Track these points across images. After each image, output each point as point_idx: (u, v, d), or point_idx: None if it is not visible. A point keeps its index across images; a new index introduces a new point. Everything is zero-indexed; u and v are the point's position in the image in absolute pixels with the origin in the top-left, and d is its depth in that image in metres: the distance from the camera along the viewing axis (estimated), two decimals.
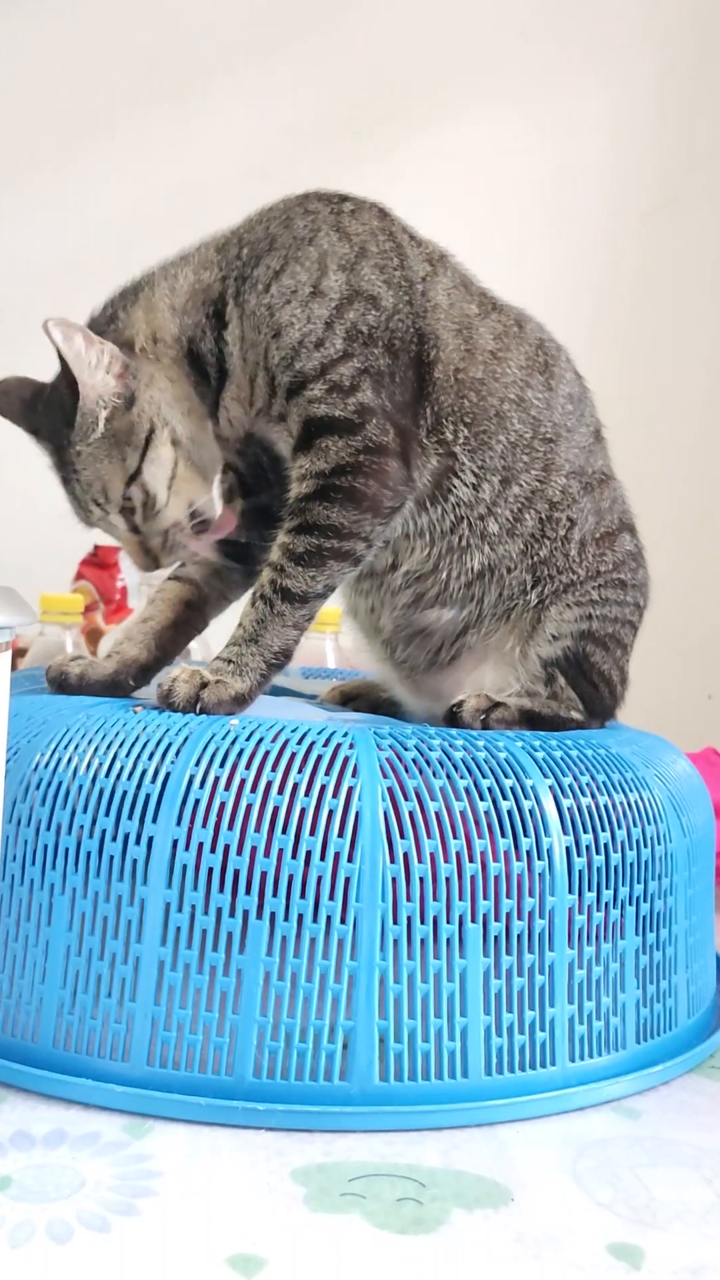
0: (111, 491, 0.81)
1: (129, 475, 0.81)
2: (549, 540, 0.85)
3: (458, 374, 0.83)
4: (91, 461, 0.81)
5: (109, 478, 0.81)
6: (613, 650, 0.87)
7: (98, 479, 0.81)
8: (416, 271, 0.83)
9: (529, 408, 0.85)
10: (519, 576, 0.85)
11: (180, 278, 0.84)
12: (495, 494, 0.83)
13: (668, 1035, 0.74)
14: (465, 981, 0.65)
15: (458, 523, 0.83)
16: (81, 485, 0.82)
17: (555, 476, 0.85)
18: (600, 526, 0.87)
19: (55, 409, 0.81)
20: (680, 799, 0.78)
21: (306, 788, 0.66)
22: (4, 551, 1.71)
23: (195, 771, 0.66)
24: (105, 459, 0.81)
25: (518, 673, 0.86)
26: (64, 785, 0.68)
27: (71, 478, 0.82)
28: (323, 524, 0.78)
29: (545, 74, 1.92)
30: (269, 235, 0.82)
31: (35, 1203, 0.54)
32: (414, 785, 0.67)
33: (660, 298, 1.94)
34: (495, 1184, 0.59)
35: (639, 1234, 0.55)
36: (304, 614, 0.78)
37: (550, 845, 0.68)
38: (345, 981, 0.64)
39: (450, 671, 0.88)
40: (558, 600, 0.85)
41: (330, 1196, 0.56)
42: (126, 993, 0.64)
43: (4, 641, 0.57)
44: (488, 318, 0.86)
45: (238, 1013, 0.63)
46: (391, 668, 0.90)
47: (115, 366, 0.80)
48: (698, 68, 1.94)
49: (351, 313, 0.79)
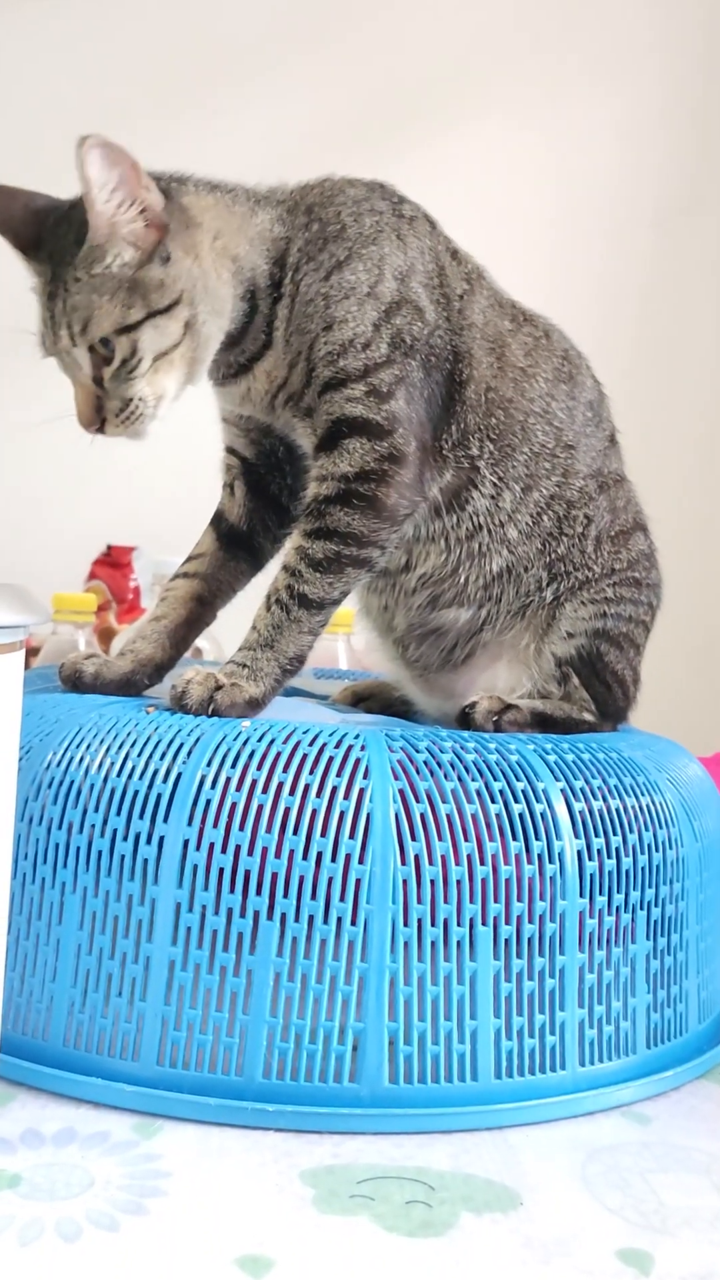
0: (93, 328, 0.76)
1: (123, 325, 0.77)
2: (566, 537, 0.85)
3: (489, 392, 0.83)
4: (88, 291, 0.76)
5: (100, 315, 0.76)
6: (626, 650, 0.87)
7: (86, 309, 0.76)
8: (455, 289, 0.84)
9: (553, 419, 0.85)
10: (536, 574, 0.85)
11: (259, 213, 0.82)
12: (516, 501, 0.84)
13: (678, 1040, 0.73)
14: (475, 984, 0.65)
15: (476, 530, 0.83)
16: (65, 308, 0.76)
17: (574, 480, 0.86)
18: (615, 524, 0.87)
19: (69, 227, 0.77)
20: (692, 803, 0.78)
21: (318, 789, 0.66)
22: (17, 551, 1.72)
23: (207, 772, 0.66)
24: (107, 296, 0.76)
25: (531, 671, 0.86)
26: (76, 784, 0.68)
27: (59, 296, 0.77)
28: (343, 531, 0.78)
29: (556, 82, 1.92)
30: (340, 221, 0.82)
31: (44, 1201, 0.54)
32: (426, 787, 0.67)
33: (670, 306, 1.93)
34: (504, 1188, 0.59)
35: (648, 1239, 0.55)
36: (320, 620, 0.78)
37: (561, 849, 0.68)
38: (355, 983, 0.64)
39: (464, 670, 0.88)
40: (573, 597, 0.85)
41: (339, 1198, 0.56)
42: (137, 992, 0.65)
43: (17, 640, 0.57)
44: (519, 332, 0.87)
45: (248, 1013, 0.63)
46: (403, 666, 0.90)
47: (153, 216, 0.76)
48: (708, 75, 1.93)
49: (399, 319, 0.80)
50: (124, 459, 2.00)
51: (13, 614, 0.55)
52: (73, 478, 1.84)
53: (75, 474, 1.85)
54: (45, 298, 0.78)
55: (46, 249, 0.78)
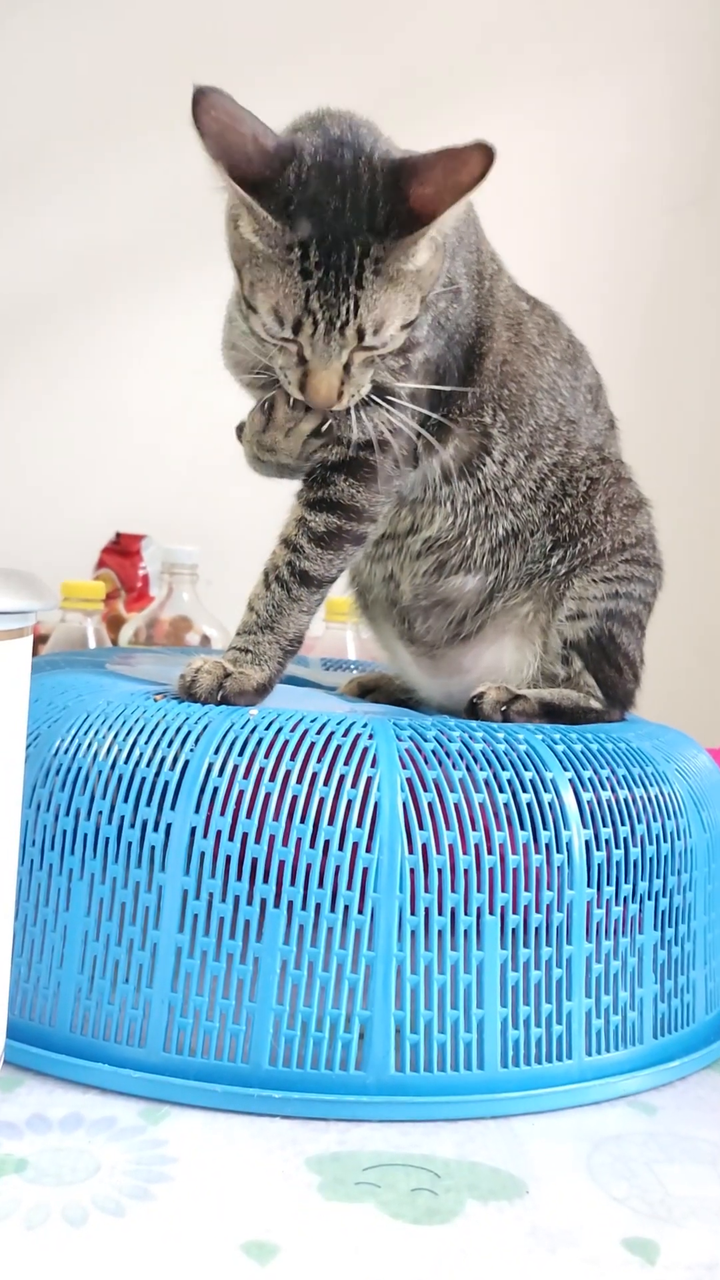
0: (391, 322, 0.71)
1: (407, 321, 0.72)
2: (570, 498, 0.86)
3: (504, 365, 0.84)
4: (389, 287, 0.70)
5: (397, 311, 0.71)
6: (635, 631, 0.87)
7: (387, 303, 0.70)
8: (488, 268, 0.85)
9: (557, 395, 0.86)
10: (541, 539, 0.85)
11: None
12: (521, 467, 0.84)
13: (685, 1031, 0.73)
14: (482, 973, 0.65)
15: (483, 494, 0.84)
16: (363, 303, 0.69)
17: (576, 450, 0.87)
18: (623, 496, 0.88)
19: (361, 201, 0.68)
20: (700, 794, 0.78)
21: (325, 777, 0.65)
22: (26, 538, 1.72)
23: (214, 759, 0.66)
24: (403, 293, 0.71)
25: (537, 648, 0.86)
26: (83, 771, 0.68)
27: (344, 271, 0.68)
28: (346, 503, 0.78)
29: (565, 72, 1.91)
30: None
31: (51, 1186, 0.54)
32: (433, 777, 0.67)
33: (680, 294, 1.92)
34: (510, 1176, 0.59)
35: (654, 1229, 0.55)
36: (318, 599, 0.78)
37: (569, 839, 0.68)
38: (362, 971, 0.64)
39: (472, 645, 0.87)
40: (584, 573, 0.85)
41: (345, 1185, 0.56)
42: (143, 979, 0.65)
43: (25, 626, 0.57)
44: (533, 313, 0.88)
45: (254, 1000, 0.63)
46: (407, 645, 0.90)
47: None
48: (719, 63, 1.92)
49: (442, 301, 0.79)
50: (133, 447, 2.01)
51: (20, 600, 0.55)
52: (82, 465, 1.85)
53: (84, 461, 1.85)
54: (314, 261, 0.68)
55: (308, 210, 0.68)
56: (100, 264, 1.85)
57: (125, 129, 1.83)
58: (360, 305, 0.69)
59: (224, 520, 1.62)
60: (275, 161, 0.69)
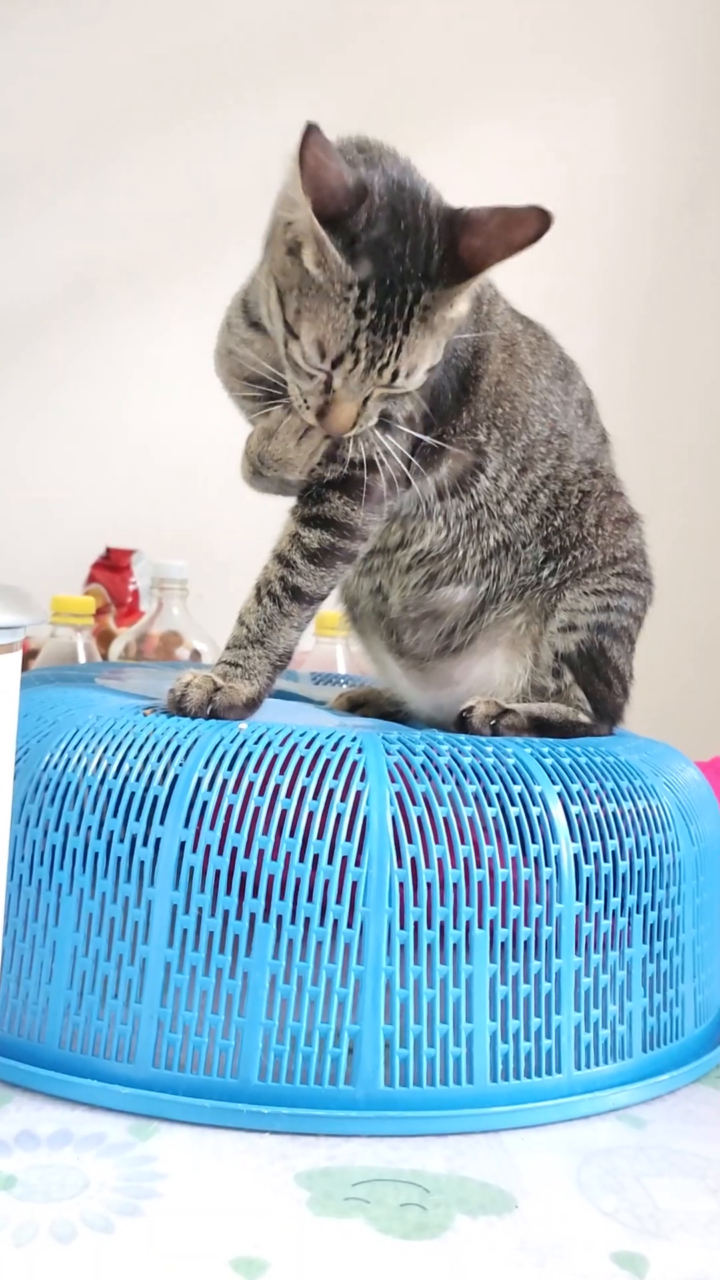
0: (421, 366, 0.73)
1: (434, 365, 0.75)
2: (562, 510, 0.86)
3: (498, 385, 0.84)
4: (428, 334, 0.72)
5: (430, 355, 0.73)
6: (625, 645, 0.88)
7: (422, 346, 0.72)
8: (486, 292, 0.85)
9: (549, 410, 0.87)
10: (534, 551, 0.86)
11: None
12: (513, 481, 0.85)
13: (674, 1044, 0.73)
14: (471, 987, 0.65)
15: (476, 509, 0.84)
16: (405, 347, 0.71)
17: (568, 463, 0.87)
18: (614, 510, 0.88)
19: (419, 248, 0.70)
20: (689, 807, 0.78)
21: (314, 791, 0.66)
22: (17, 553, 1.72)
23: (203, 774, 0.66)
24: (436, 340, 0.73)
25: (528, 660, 0.86)
26: (73, 785, 0.68)
27: (395, 316, 0.70)
28: (340, 520, 0.78)
29: (557, 84, 1.92)
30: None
31: (39, 1202, 0.54)
32: (422, 790, 0.67)
33: (674, 303, 1.94)
34: (500, 1191, 0.59)
35: (643, 1243, 0.55)
36: (308, 615, 0.79)
37: (558, 852, 0.68)
38: (351, 986, 0.64)
39: (462, 657, 0.88)
40: (575, 585, 0.86)
41: (334, 1201, 0.56)
42: (132, 994, 0.65)
43: (14, 641, 0.57)
44: (526, 333, 0.88)
45: (243, 1015, 0.63)
46: (396, 658, 0.90)
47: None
48: (711, 75, 1.94)
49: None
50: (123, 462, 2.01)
51: (9, 615, 0.55)
52: (72, 480, 1.85)
53: (74, 476, 1.85)
54: (370, 302, 0.70)
55: (371, 251, 0.70)
56: (93, 279, 1.85)
57: (120, 142, 1.84)
58: (402, 349, 0.71)
59: (214, 535, 1.62)
60: (352, 199, 0.70)
